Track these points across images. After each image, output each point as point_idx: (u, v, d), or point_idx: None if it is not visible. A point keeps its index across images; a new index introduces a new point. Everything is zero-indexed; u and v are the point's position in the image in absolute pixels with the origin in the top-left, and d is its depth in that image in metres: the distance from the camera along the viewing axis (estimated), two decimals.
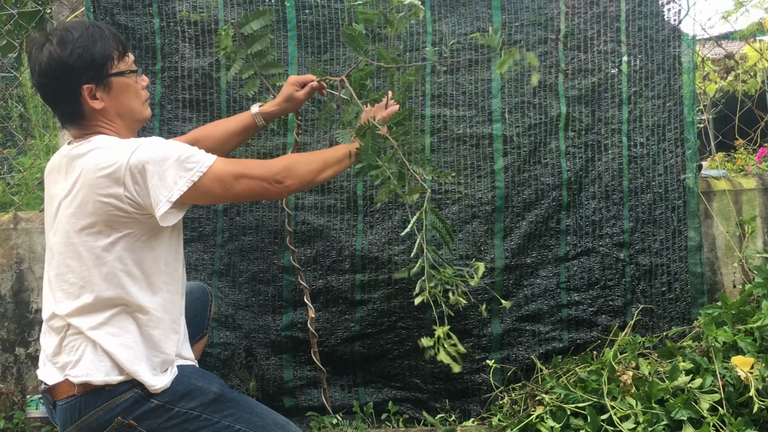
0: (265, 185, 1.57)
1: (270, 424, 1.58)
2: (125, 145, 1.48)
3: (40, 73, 1.51)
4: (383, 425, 2.39)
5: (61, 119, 1.59)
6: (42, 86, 1.54)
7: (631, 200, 2.52)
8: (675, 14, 2.56)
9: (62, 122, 1.59)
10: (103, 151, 1.47)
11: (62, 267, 1.50)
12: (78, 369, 1.46)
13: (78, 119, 1.55)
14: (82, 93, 1.51)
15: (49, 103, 1.58)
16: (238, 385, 2.40)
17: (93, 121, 1.55)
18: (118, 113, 1.57)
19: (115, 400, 1.46)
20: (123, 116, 1.59)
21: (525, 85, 2.48)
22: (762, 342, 2.10)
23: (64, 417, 1.48)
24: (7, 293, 2.53)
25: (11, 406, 2.48)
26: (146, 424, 1.48)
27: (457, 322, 2.44)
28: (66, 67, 1.49)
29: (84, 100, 1.52)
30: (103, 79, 1.53)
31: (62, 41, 1.49)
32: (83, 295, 1.47)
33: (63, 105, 1.54)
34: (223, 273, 2.44)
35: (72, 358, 1.47)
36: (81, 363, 1.47)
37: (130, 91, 1.59)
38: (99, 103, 1.53)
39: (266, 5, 2.45)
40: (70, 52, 1.49)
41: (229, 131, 1.98)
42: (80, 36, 1.50)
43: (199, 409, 1.51)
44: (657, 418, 1.95)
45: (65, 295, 1.50)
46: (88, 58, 1.50)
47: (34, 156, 3.32)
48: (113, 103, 1.55)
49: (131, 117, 1.61)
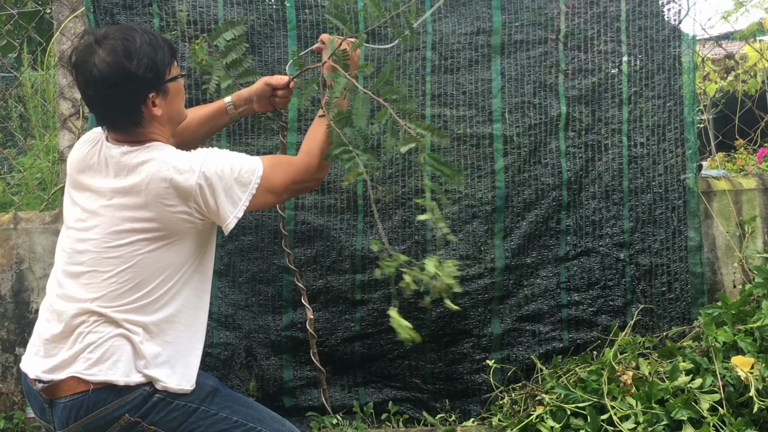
0: (305, 185, 1.72)
1: (266, 416, 1.61)
2: (192, 158, 1.51)
3: (103, 84, 1.48)
4: (383, 425, 2.39)
5: (114, 128, 1.56)
6: (101, 97, 1.50)
7: (631, 200, 2.52)
8: (675, 14, 2.56)
9: (112, 129, 1.56)
10: (170, 162, 1.49)
11: (103, 263, 1.49)
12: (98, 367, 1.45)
13: (134, 127, 1.54)
14: (147, 102, 1.51)
15: (105, 113, 1.55)
16: (238, 385, 2.40)
17: (147, 128, 1.55)
18: (169, 118, 1.59)
19: (125, 398, 1.46)
20: (172, 120, 1.61)
21: (525, 85, 2.48)
22: (762, 342, 2.10)
23: (68, 414, 1.46)
24: (7, 293, 2.53)
25: (11, 406, 2.48)
26: (149, 419, 1.48)
27: (457, 323, 2.44)
28: (134, 78, 1.48)
29: (147, 109, 1.52)
30: (163, 86, 1.54)
31: (127, 52, 1.47)
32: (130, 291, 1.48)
33: (123, 115, 1.52)
34: (223, 273, 2.44)
35: (93, 355, 1.46)
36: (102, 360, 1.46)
37: (181, 95, 1.62)
38: (158, 110, 1.54)
39: (265, 4, 2.45)
40: (137, 63, 1.47)
41: (200, 117, 1.95)
42: (141, 45, 1.49)
43: (197, 402, 1.53)
44: (657, 418, 1.95)
45: (99, 289, 1.49)
46: (154, 68, 1.50)
47: (34, 156, 3.32)
48: (168, 108, 1.57)
49: (177, 120, 1.64)
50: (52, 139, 3.35)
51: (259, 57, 2.42)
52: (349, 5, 2.43)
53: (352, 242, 2.43)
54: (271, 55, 2.43)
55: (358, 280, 2.42)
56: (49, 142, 3.41)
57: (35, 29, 3.28)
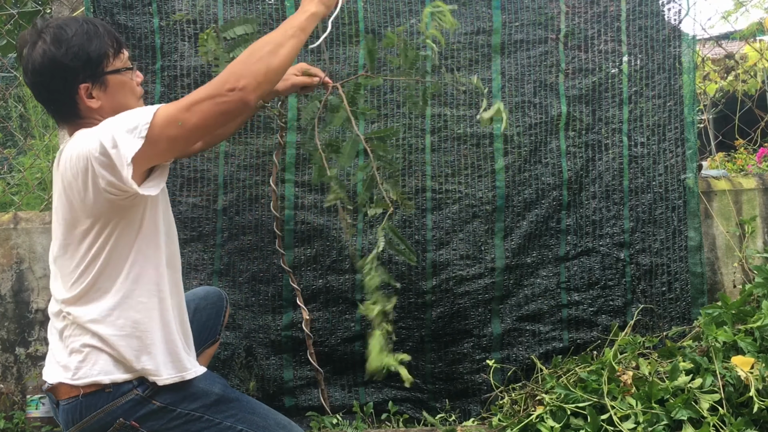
0: (218, 100, 1.37)
1: (272, 424, 1.57)
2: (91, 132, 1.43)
3: (34, 72, 1.47)
4: (383, 425, 2.39)
5: (56, 118, 1.56)
6: (36, 85, 1.50)
7: (631, 200, 2.52)
8: (675, 14, 2.56)
9: (57, 120, 1.57)
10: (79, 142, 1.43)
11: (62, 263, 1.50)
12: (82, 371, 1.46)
13: (73, 118, 1.52)
14: (79, 92, 1.48)
15: (43, 102, 1.55)
16: (238, 385, 2.39)
17: (89, 120, 1.51)
18: (114, 111, 1.52)
19: (116, 402, 1.45)
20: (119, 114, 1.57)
21: (525, 84, 2.48)
22: (762, 342, 2.10)
23: (67, 417, 1.48)
24: (7, 293, 2.52)
25: (11, 406, 2.48)
26: (148, 426, 1.47)
27: (457, 322, 2.44)
28: (62, 67, 1.46)
29: (80, 99, 1.49)
30: (99, 77, 1.50)
31: (56, 40, 1.46)
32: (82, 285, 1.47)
33: (58, 104, 1.51)
34: (223, 273, 2.44)
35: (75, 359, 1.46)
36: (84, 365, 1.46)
37: (126, 89, 1.55)
38: (95, 101, 1.50)
39: (265, 4, 2.45)
40: (65, 51, 1.45)
41: None
42: (75, 34, 1.47)
43: (201, 410, 1.51)
44: (657, 418, 1.95)
45: (66, 286, 1.49)
46: (84, 56, 1.47)
47: (34, 156, 3.32)
48: (109, 101, 1.52)
49: None
50: (52, 139, 3.35)
51: None
52: (348, 5, 2.43)
53: (351, 242, 2.43)
54: None
55: (358, 280, 2.42)
56: (49, 142, 3.41)
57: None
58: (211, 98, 1.37)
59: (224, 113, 1.39)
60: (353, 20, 2.44)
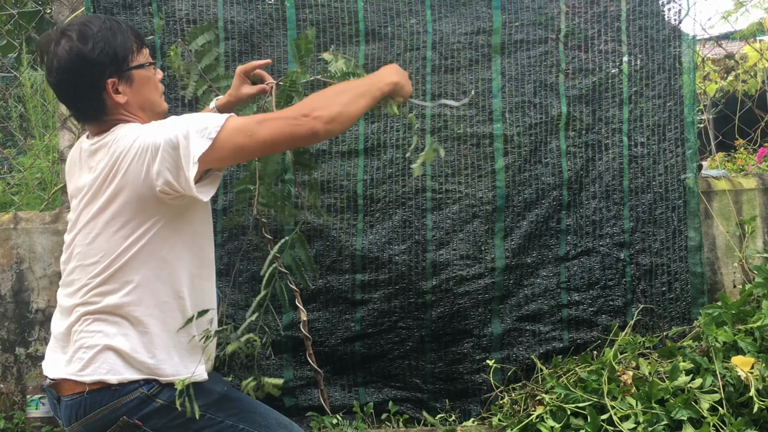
0: (291, 122, 1.44)
1: (273, 423, 1.58)
2: (149, 127, 1.46)
3: (60, 70, 1.47)
4: (383, 425, 2.39)
5: (81, 116, 1.56)
6: (62, 83, 1.50)
7: (631, 200, 2.52)
8: (675, 14, 2.56)
9: (82, 119, 1.56)
10: (130, 134, 1.45)
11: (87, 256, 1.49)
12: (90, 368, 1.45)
13: (100, 115, 1.52)
14: (106, 87, 1.49)
15: (68, 100, 1.54)
16: (237, 385, 2.39)
17: (115, 116, 1.52)
18: (140, 106, 1.55)
19: (121, 400, 1.45)
20: (144, 109, 1.57)
21: (525, 84, 2.48)
22: (762, 342, 2.10)
23: (69, 413, 1.47)
24: (7, 293, 2.52)
25: (11, 406, 2.48)
26: (151, 424, 1.48)
27: (457, 322, 2.44)
28: (89, 62, 1.46)
29: (107, 95, 1.50)
30: (125, 72, 1.51)
31: (82, 36, 1.46)
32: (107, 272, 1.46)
33: (84, 101, 1.51)
34: (223, 273, 2.44)
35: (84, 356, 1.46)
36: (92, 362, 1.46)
37: (150, 84, 1.58)
38: (122, 97, 1.51)
39: (265, 4, 2.45)
40: (92, 46, 1.46)
41: None
42: (99, 30, 1.48)
43: (203, 409, 1.51)
44: (657, 418, 1.95)
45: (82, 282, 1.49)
46: (111, 51, 1.48)
47: (34, 156, 3.32)
48: (135, 96, 1.53)
49: (152, 110, 1.59)
50: (52, 139, 3.35)
51: (258, 56, 2.42)
52: (348, 5, 2.43)
53: (351, 242, 2.43)
54: (270, 54, 2.43)
55: (358, 280, 2.42)
56: (49, 142, 3.41)
57: (35, 29, 3.28)
58: (285, 119, 1.45)
59: (292, 135, 1.45)
60: (353, 20, 2.44)
